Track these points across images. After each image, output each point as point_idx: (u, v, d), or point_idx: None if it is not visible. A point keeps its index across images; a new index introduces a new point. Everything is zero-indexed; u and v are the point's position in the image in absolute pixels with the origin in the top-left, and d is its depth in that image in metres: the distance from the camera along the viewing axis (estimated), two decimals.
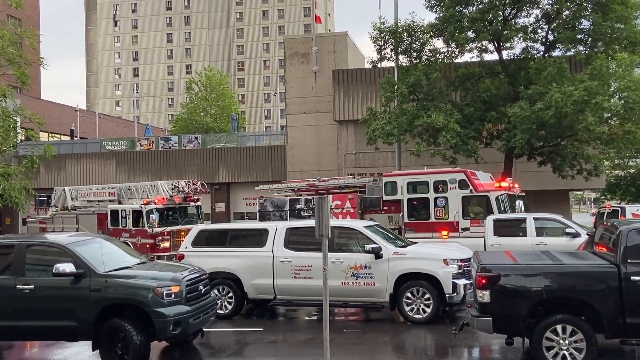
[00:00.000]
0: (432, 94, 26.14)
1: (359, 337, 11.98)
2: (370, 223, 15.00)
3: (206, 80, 68.57)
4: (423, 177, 21.33)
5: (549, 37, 26.83)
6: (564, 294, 9.00)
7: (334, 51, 35.31)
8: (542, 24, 26.88)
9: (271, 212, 21.63)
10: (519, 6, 26.25)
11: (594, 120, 22.20)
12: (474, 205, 20.11)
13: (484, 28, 25.62)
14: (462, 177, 20.33)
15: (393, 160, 29.75)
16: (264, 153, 38.77)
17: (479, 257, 10.26)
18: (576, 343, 8.76)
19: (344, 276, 12.99)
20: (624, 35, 25.31)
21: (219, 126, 65.23)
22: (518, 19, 26.96)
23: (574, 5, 25.83)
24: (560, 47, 26.72)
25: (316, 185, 22.36)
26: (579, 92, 22.04)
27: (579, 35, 26.23)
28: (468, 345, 10.96)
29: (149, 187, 25.41)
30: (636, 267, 8.72)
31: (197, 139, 42.18)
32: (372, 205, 21.53)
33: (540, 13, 26.75)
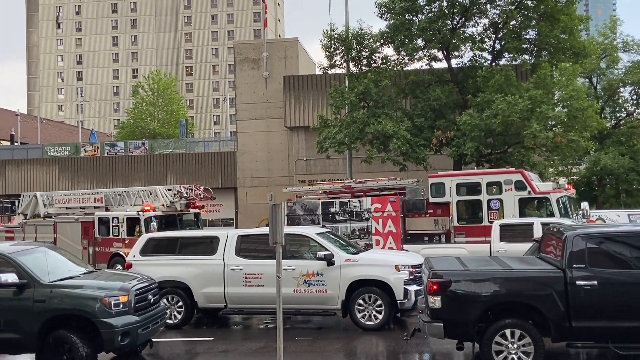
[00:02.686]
0: (382, 102, 26.47)
1: (311, 344, 11.99)
2: (322, 230, 15.08)
3: (153, 84, 67.52)
4: (475, 178, 20.24)
5: (496, 46, 27.55)
6: (512, 298, 9.21)
7: (284, 57, 35.36)
8: (490, 34, 27.59)
9: (301, 216, 20.42)
10: (467, 16, 26.89)
11: (539, 128, 22.92)
12: (532, 208, 19.39)
13: (433, 36, 26.12)
14: (519, 178, 19.42)
15: (344, 167, 29.98)
16: (213, 159, 38.48)
17: (430, 263, 10.42)
18: (524, 347, 8.98)
19: (296, 284, 12.99)
20: (568, 46, 26.26)
21: (166, 132, 64.33)
22: (466, 28, 27.62)
23: (521, 15, 26.64)
24: (507, 56, 27.51)
25: (352, 187, 21.36)
26: (524, 101, 22.75)
27: (525, 45, 27.09)
28: (419, 351, 11.11)
29: (144, 192, 23.77)
30: (581, 272, 9.00)
31: (144, 145, 41.57)
32: (416, 208, 20.38)
33: (488, 23, 27.48)
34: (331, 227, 19.62)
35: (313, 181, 26.89)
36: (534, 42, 26.96)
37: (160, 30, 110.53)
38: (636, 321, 8.80)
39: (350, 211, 19.64)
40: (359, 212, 19.58)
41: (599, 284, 8.90)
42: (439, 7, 26.59)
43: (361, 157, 27.67)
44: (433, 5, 26.72)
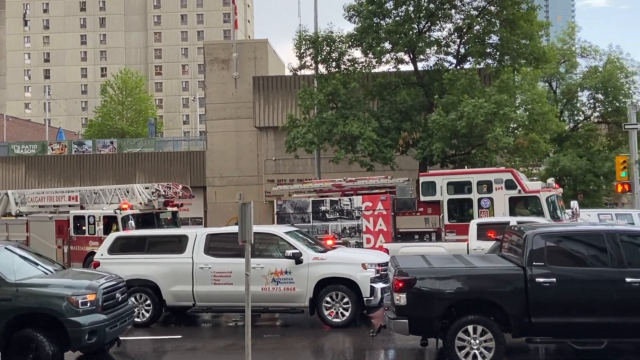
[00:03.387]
0: (350, 103, 26.59)
1: (279, 341, 11.99)
2: (290, 228, 15.06)
3: (122, 83, 66.58)
4: (465, 177, 20.23)
5: (460, 51, 27.91)
6: (474, 295, 9.33)
7: (254, 58, 35.25)
8: (455, 38, 27.94)
9: (291, 214, 20.21)
10: (432, 20, 27.17)
11: (502, 131, 23.30)
12: (521, 206, 19.39)
13: (400, 40, 26.32)
14: (509, 177, 19.52)
15: (313, 167, 30.02)
16: (182, 158, 38.18)
17: (396, 261, 10.51)
18: (486, 342, 9.11)
19: (264, 282, 12.97)
20: (529, 51, 26.73)
21: (135, 130, 63.52)
22: (432, 32, 27.92)
23: (484, 21, 27.05)
24: (471, 60, 27.87)
25: (343, 186, 21.03)
26: (489, 104, 23.09)
27: (488, 49, 27.50)
28: (385, 347, 11.20)
29: (121, 191, 23.19)
30: (540, 270, 9.17)
31: (112, 144, 41.03)
32: (407, 207, 20.30)
33: (453, 27, 27.82)
34: (322, 225, 19.62)
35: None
36: (497, 47, 27.39)
37: (129, 30, 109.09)
38: (592, 317, 8.99)
39: (340, 209, 19.58)
40: (349, 211, 19.54)
41: (557, 281, 9.07)
42: (405, 12, 26.83)
43: (329, 157, 27.75)
44: (400, 10, 26.96)
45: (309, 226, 19.59)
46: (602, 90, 37.94)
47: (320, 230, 19.55)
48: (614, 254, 9.18)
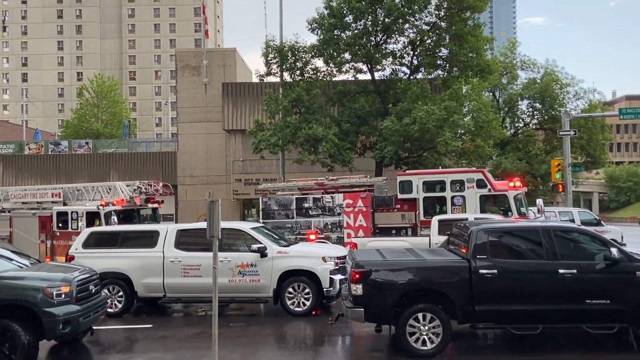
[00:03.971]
0: (312, 108, 26.63)
1: (245, 330, 11.93)
2: (256, 224, 15.02)
3: (97, 87, 65.33)
4: (440, 177, 20.17)
5: (413, 62, 28.17)
6: (424, 286, 9.45)
7: (223, 65, 34.99)
8: (408, 50, 28.18)
9: (276, 211, 19.85)
10: (388, 34, 27.38)
11: (451, 136, 23.64)
12: (491, 204, 19.45)
13: (358, 51, 26.46)
14: (480, 177, 19.54)
15: (278, 167, 29.94)
16: (155, 159, 37.64)
17: (353, 254, 10.58)
18: (434, 328, 9.23)
19: (231, 274, 12.92)
20: (475, 63, 27.15)
21: (110, 132, 62.34)
22: (388, 44, 28.09)
23: (435, 35, 27.37)
24: (423, 71, 28.17)
25: (325, 184, 20.67)
26: (440, 111, 23.40)
27: (438, 61, 27.81)
28: (343, 334, 11.25)
29: (103, 188, 22.47)
30: (483, 262, 9.34)
31: (87, 144, 40.18)
32: (385, 204, 20.11)
33: (407, 40, 28.05)
34: (305, 221, 19.44)
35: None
36: (446, 59, 27.72)
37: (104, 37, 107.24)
38: (529, 305, 9.20)
39: (323, 206, 19.46)
40: (331, 207, 19.43)
41: (498, 272, 9.25)
42: (363, 25, 26.98)
43: (293, 158, 27.75)
44: (358, 24, 27.08)
45: (293, 222, 19.48)
46: (539, 99, 38.86)
47: (304, 226, 19.43)
48: (548, 248, 9.41)
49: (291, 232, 19.03)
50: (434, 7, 26.93)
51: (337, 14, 26.64)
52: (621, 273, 9.18)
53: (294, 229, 19.05)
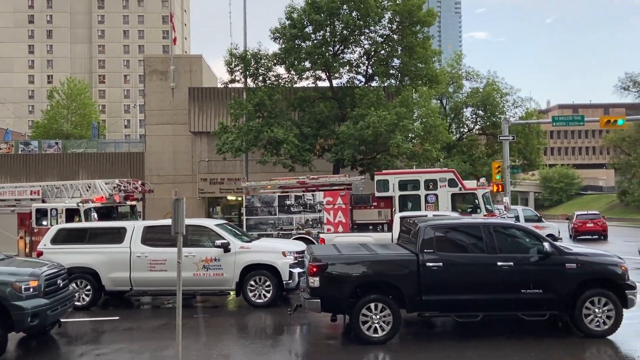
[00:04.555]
0: (274, 113, 26.55)
1: (208, 321, 11.79)
2: (220, 221, 14.87)
3: (68, 90, 63.51)
4: (414, 176, 20.24)
5: (368, 71, 28.41)
6: (376, 278, 9.52)
7: (190, 71, 34.51)
8: (364, 60, 28.40)
9: (259, 207, 19.46)
10: (345, 44, 27.54)
11: (402, 139, 23.92)
12: (461, 201, 19.60)
13: (318, 60, 26.51)
14: (451, 177, 19.72)
15: (242, 168, 29.70)
16: (123, 159, 36.78)
17: (311, 249, 10.59)
18: (385, 317, 9.31)
19: (196, 268, 12.77)
20: (424, 73, 27.58)
21: (79, 133, 60.66)
22: (345, 54, 28.25)
23: (388, 47, 27.66)
24: (377, 79, 28.43)
25: (307, 183, 20.44)
26: (391, 116, 23.66)
27: (391, 71, 28.13)
28: (301, 323, 11.24)
29: (82, 185, 21.73)
30: (430, 256, 9.49)
31: (57, 144, 38.99)
32: (362, 202, 20.08)
33: (362, 51, 28.26)
34: (287, 217, 19.20)
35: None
36: (399, 69, 28.06)
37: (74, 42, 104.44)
38: (471, 294, 9.38)
39: (304, 204, 19.28)
40: (312, 205, 19.26)
41: (443, 265, 9.41)
42: (323, 36, 27.05)
43: (256, 159, 27.63)
44: (318, 34, 27.14)
45: (275, 218, 19.29)
46: (482, 107, 39.70)
47: (286, 222, 19.25)
48: (488, 242, 9.61)
49: (274, 228, 18.90)
50: (387, 20, 27.27)
51: (298, 25, 26.65)
52: (552, 265, 9.46)
53: (277, 225, 18.91)
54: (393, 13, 26.68)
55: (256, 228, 18.87)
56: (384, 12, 26.75)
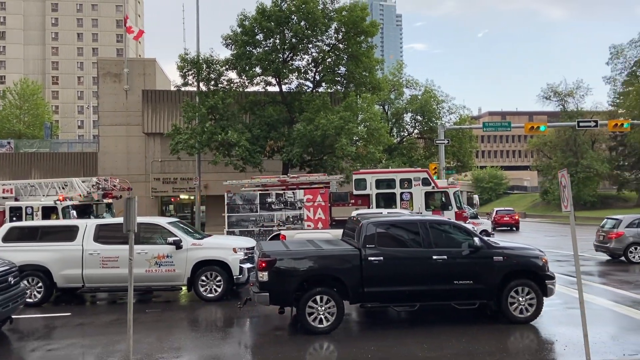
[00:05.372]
0: (226, 116, 26.23)
1: (160, 315, 11.49)
2: (173, 219, 14.50)
3: (21, 90, 60.55)
4: (390, 175, 20.32)
5: (316, 77, 28.52)
6: (322, 272, 9.53)
7: (143, 74, 33.61)
8: (312, 67, 28.50)
9: (240, 205, 18.79)
10: (294, 52, 27.54)
11: (347, 142, 24.13)
12: (433, 199, 19.71)
13: (268, 66, 26.40)
14: (425, 176, 19.84)
15: (194, 168, 29.17)
16: (76, 159, 35.43)
17: (260, 245, 10.51)
18: (329, 309, 9.35)
19: (148, 264, 12.43)
20: (368, 81, 27.95)
21: (32, 133, 57.91)
22: (294, 61, 28.27)
23: (334, 55, 27.86)
24: (324, 86, 28.61)
25: (287, 181, 20.02)
26: (338, 120, 23.85)
27: (337, 78, 28.36)
28: (250, 316, 11.13)
29: (58, 184, 20.59)
30: (372, 250, 9.60)
31: (9, 144, 37.12)
32: (340, 199, 19.89)
33: (310, 59, 28.37)
34: (268, 214, 18.81)
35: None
36: (344, 76, 28.31)
37: (28, 43, 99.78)
38: (409, 286, 9.54)
39: (285, 201, 18.97)
40: (292, 202, 18.93)
41: (384, 259, 9.53)
42: (273, 43, 26.95)
43: (209, 160, 27.19)
44: (268, 42, 27.03)
45: (256, 215, 18.97)
46: (420, 113, 40.59)
47: (267, 219, 18.94)
48: (424, 238, 9.82)
49: (255, 225, 18.63)
50: (333, 30, 27.47)
51: (249, 32, 26.46)
52: (481, 258, 9.76)
53: (258, 222, 18.65)
54: (339, 24, 26.88)
55: (237, 225, 18.64)
56: (330, 23, 26.92)
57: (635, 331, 9.38)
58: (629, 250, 18.71)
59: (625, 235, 18.81)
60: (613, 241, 19.02)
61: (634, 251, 18.70)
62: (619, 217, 20.10)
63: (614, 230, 19.16)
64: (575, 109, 65.42)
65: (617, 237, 18.90)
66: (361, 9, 26.62)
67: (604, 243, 19.61)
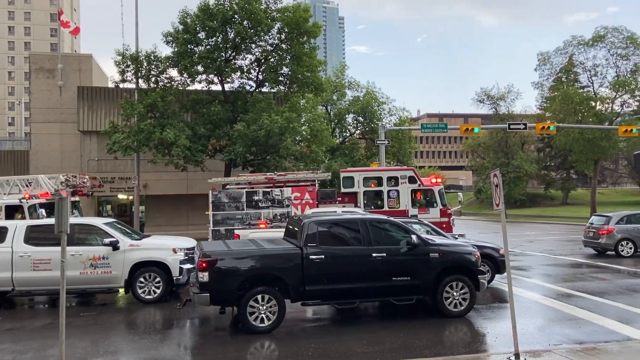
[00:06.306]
0: (167, 114, 25.58)
1: (95, 318, 11.03)
2: (109, 220, 13.98)
3: None
4: (378, 173, 20.36)
5: (259, 77, 28.31)
6: (263, 271, 9.46)
7: (79, 70, 32.18)
8: (255, 67, 28.27)
9: (226, 203, 18.22)
10: (237, 51, 27.22)
11: (291, 142, 24.11)
12: (420, 197, 19.84)
13: (210, 65, 25.96)
14: (411, 174, 19.93)
15: (132, 167, 28.25)
16: (6, 157, 33.55)
17: (201, 245, 10.32)
18: (271, 307, 9.31)
19: (83, 267, 11.92)
20: (311, 81, 28.01)
21: None
22: (237, 60, 27.94)
23: (277, 55, 27.75)
24: (267, 85, 28.44)
25: (275, 179, 19.46)
26: (282, 120, 23.78)
27: (281, 78, 28.26)
28: (190, 317, 10.91)
29: (22, 181, 19.14)
30: (313, 249, 9.63)
31: None
32: (328, 197, 19.65)
33: (253, 58, 28.13)
34: (255, 212, 18.28)
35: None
36: (287, 76, 28.26)
37: None
38: (349, 283, 9.63)
39: (272, 199, 18.47)
40: (280, 200, 18.59)
41: (325, 257, 9.58)
42: (215, 42, 26.52)
43: (148, 159, 26.39)
44: (210, 40, 26.56)
45: (243, 213, 18.37)
46: (362, 114, 41.13)
47: (254, 217, 18.38)
48: (364, 236, 9.95)
49: (241, 222, 18.09)
50: (276, 31, 27.35)
51: (191, 30, 25.92)
52: (418, 255, 10.00)
53: (244, 220, 18.14)
54: (282, 24, 26.80)
55: (223, 223, 18.14)
56: (273, 23, 26.80)
57: (560, 322, 9.91)
58: (619, 245, 19.65)
59: (615, 231, 19.72)
60: (604, 237, 19.90)
61: (624, 246, 19.63)
62: (608, 214, 21.04)
63: (604, 227, 20.03)
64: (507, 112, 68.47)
65: (608, 234, 19.78)
66: (304, 10, 26.67)
67: (594, 239, 20.45)
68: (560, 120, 45.33)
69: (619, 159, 71.96)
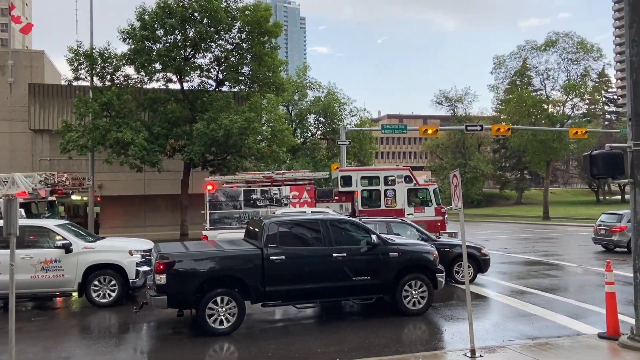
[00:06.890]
0: (123, 113, 24.98)
1: (47, 323, 10.63)
2: (62, 222, 13.51)
3: None
4: (375, 173, 20.58)
5: (219, 76, 28.02)
6: (223, 272, 9.34)
7: (30, 66, 31.04)
8: (215, 65, 27.96)
9: (224, 202, 17.81)
10: (196, 49, 26.85)
11: (253, 141, 23.96)
12: (416, 196, 20.09)
13: (169, 63, 25.52)
14: (407, 174, 20.16)
15: (87, 167, 27.42)
16: None
17: (158, 247, 10.10)
18: (230, 309, 9.19)
19: (34, 270, 11.47)
20: (272, 81, 27.92)
21: None
22: (196, 59, 27.57)
23: (238, 54, 27.52)
24: (228, 85, 28.17)
25: (273, 178, 19.21)
26: (242, 120, 23.59)
27: (241, 77, 28.06)
28: (147, 321, 10.65)
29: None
30: (274, 249, 9.57)
31: None
32: (325, 196, 19.77)
33: (213, 57, 27.81)
34: (253, 211, 18.04)
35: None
36: (248, 76, 28.07)
37: None
38: (309, 284, 9.63)
39: (270, 198, 18.11)
40: (278, 199, 18.34)
41: (285, 257, 9.54)
42: (174, 40, 26.09)
43: (103, 158, 25.69)
44: (169, 37, 26.11)
45: (240, 212, 18.00)
46: (323, 114, 41.34)
47: (251, 216, 17.93)
48: (325, 236, 9.96)
49: (239, 222, 17.66)
50: (237, 30, 27.11)
51: (149, 27, 25.40)
52: (378, 255, 10.10)
53: (242, 219, 17.74)
54: (243, 23, 26.60)
55: (220, 222, 17.74)
56: (234, 22, 26.57)
57: (515, 319, 10.20)
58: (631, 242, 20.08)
59: (627, 229, 19.98)
60: (617, 234, 20.39)
61: None
62: (619, 212, 21.45)
63: (617, 225, 20.50)
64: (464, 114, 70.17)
65: (621, 231, 20.22)
66: (264, 10, 26.54)
67: (606, 237, 20.90)
68: (514, 122, 46.75)
69: (569, 160, 74.86)
